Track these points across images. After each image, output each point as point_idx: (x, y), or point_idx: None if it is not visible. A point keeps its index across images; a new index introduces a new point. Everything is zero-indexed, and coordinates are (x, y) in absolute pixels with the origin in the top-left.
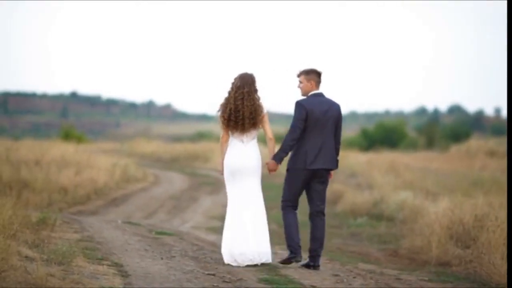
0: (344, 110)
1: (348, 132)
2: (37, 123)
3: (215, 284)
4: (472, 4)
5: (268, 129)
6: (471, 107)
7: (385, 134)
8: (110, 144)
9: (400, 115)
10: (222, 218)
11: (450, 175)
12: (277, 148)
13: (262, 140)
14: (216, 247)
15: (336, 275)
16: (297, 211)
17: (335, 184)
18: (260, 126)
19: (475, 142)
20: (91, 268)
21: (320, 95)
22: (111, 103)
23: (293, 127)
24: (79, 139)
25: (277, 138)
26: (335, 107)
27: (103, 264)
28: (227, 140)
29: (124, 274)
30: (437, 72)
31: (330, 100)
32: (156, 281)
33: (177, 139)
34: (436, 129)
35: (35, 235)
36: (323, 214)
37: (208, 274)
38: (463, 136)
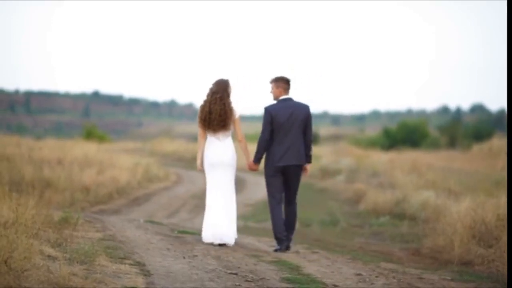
0: (366, 109)
1: (370, 131)
2: (60, 122)
3: (237, 283)
4: (498, 3)
5: (239, 131)
6: (493, 106)
7: (407, 133)
8: (132, 143)
9: (422, 114)
10: (244, 217)
11: (472, 175)
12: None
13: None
14: (239, 246)
15: (359, 274)
16: (282, 204)
17: (357, 183)
18: (232, 127)
19: (498, 141)
20: (113, 267)
21: (288, 99)
22: (133, 103)
23: (262, 130)
24: (101, 139)
25: None
26: (301, 109)
27: (125, 263)
28: (203, 137)
29: (146, 273)
30: (460, 71)
31: (297, 103)
32: (178, 280)
33: None
34: (458, 128)
35: (57, 234)
36: (295, 204)
37: (231, 273)
38: (485, 135)
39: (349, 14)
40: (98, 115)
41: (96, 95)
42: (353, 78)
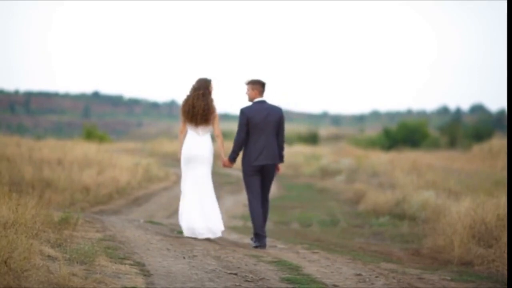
0: (366, 110)
1: (370, 131)
2: (60, 122)
3: (237, 284)
4: (498, 3)
5: (216, 127)
6: (493, 106)
7: (407, 133)
8: (132, 143)
9: (422, 114)
10: (243, 218)
11: (472, 175)
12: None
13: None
14: (238, 246)
15: (359, 275)
16: (259, 200)
17: (357, 184)
18: (211, 123)
19: (498, 142)
20: (113, 267)
21: (262, 102)
22: (133, 103)
23: (237, 131)
24: (101, 139)
25: (308, 138)
26: (275, 111)
27: (125, 264)
28: (183, 131)
29: (146, 273)
30: (460, 71)
31: (271, 105)
32: (178, 280)
33: None
34: (458, 128)
35: (57, 235)
36: (267, 201)
37: (230, 273)
38: (485, 135)
39: (349, 14)
40: (98, 116)
41: (96, 95)
42: (353, 79)
